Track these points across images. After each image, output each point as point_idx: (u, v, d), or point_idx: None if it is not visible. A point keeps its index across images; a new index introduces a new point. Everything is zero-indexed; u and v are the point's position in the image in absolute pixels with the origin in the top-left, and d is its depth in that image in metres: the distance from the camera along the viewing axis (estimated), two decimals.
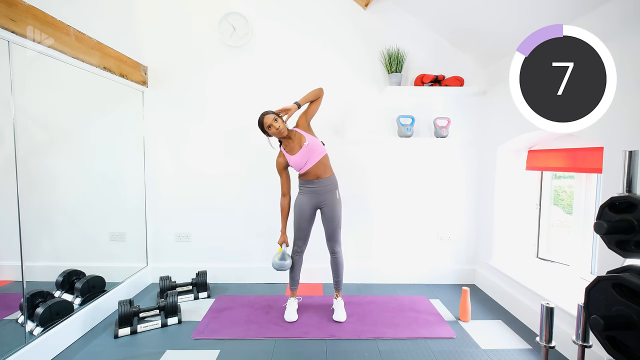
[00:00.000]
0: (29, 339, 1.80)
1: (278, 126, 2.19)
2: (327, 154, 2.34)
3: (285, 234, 2.39)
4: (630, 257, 0.95)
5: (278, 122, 2.20)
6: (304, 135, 2.27)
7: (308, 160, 2.24)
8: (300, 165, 2.25)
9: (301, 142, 2.26)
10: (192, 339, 2.13)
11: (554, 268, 2.59)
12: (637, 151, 0.99)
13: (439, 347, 2.05)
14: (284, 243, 2.37)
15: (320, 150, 2.27)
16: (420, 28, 2.91)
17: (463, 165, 3.02)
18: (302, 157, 2.23)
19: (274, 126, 2.19)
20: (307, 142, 2.24)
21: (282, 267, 2.32)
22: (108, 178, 2.76)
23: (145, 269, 2.95)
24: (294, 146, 2.27)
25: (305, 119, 2.33)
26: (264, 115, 2.22)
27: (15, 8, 1.64)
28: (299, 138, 2.28)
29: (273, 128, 2.20)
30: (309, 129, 2.34)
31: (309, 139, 2.25)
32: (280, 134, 2.22)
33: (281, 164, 2.33)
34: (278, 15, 2.88)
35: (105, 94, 2.56)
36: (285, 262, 2.32)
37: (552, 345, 1.18)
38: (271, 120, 2.19)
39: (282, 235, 2.39)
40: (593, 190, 2.32)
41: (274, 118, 2.20)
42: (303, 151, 2.23)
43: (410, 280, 3.06)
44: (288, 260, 2.34)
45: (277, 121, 2.20)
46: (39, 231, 2.28)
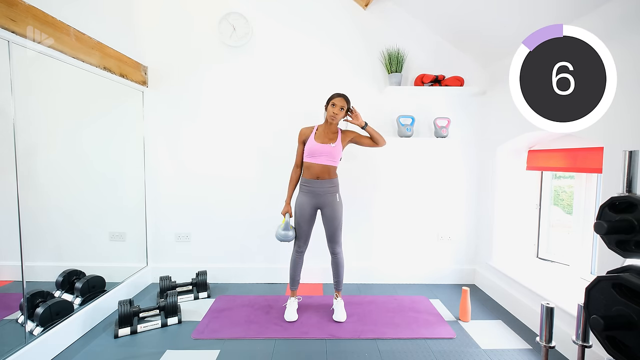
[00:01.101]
0: (29, 339, 1.80)
1: (337, 112, 2.24)
2: (336, 167, 2.37)
3: (289, 205, 2.40)
4: (630, 257, 0.95)
5: (342, 113, 2.26)
6: (338, 140, 2.32)
7: (319, 156, 2.28)
8: (312, 153, 2.29)
9: (331, 141, 2.30)
10: (192, 339, 2.13)
11: (554, 268, 2.59)
12: (637, 151, 0.99)
13: (439, 347, 2.05)
14: (287, 213, 2.38)
15: (334, 159, 2.32)
16: (420, 28, 2.91)
17: (463, 165, 3.02)
18: (319, 149, 2.27)
19: (337, 107, 2.24)
20: (334, 144, 2.29)
21: (286, 237, 2.31)
22: (108, 178, 2.76)
23: (145, 269, 2.95)
24: (325, 137, 2.32)
25: (350, 138, 2.38)
26: (341, 96, 2.26)
27: (15, 8, 1.64)
28: (333, 138, 2.32)
29: (336, 109, 2.24)
30: (344, 143, 2.37)
31: (337, 146, 2.30)
32: (332, 118, 2.26)
33: (304, 135, 2.37)
34: (278, 15, 2.88)
35: (105, 94, 2.56)
36: (288, 233, 2.31)
37: (552, 345, 1.18)
38: (340, 105, 2.24)
39: (286, 205, 2.40)
40: (593, 190, 2.32)
41: (342, 107, 2.25)
42: (324, 147, 2.28)
43: (410, 280, 3.06)
44: (291, 230, 2.33)
45: (342, 110, 2.25)
46: (39, 231, 2.28)
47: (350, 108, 2.32)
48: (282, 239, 2.32)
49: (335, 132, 2.35)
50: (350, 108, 2.32)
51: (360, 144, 2.41)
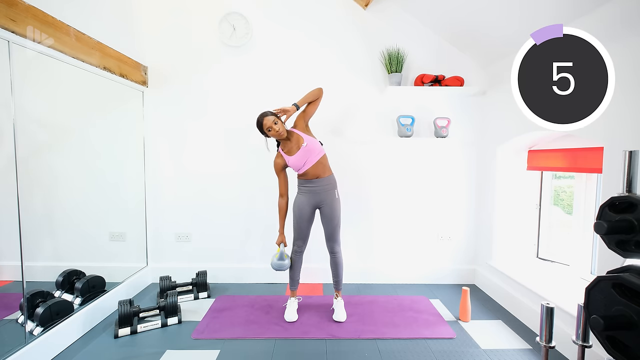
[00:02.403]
0: (29, 339, 1.80)
1: (278, 129, 2.18)
2: (325, 153, 2.33)
3: (283, 234, 2.39)
4: (630, 257, 0.95)
5: (278, 125, 2.18)
6: (302, 136, 2.26)
7: (307, 160, 2.23)
8: (299, 166, 2.25)
9: (299, 143, 2.24)
10: (192, 339, 2.13)
11: (554, 268, 2.59)
12: (637, 151, 0.99)
13: (439, 347, 2.05)
14: (282, 243, 2.37)
15: (318, 150, 2.25)
16: (420, 28, 2.91)
17: (463, 165, 3.02)
18: (300, 157, 2.22)
19: (273, 129, 2.18)
20: (305, 143, 2.23)
21: (281, 267, 2.32)
22: (108, 178, 2.75)
23: (145, 269, 2.95)
24: (292, 147, 2.26)
25: (303, 120, 2.32)
26: (264, 116, 2.20)
27: (15, 8, 1.64)
28: (297, 139, 2.27)
29: (273, 131, 2.18)
30: (307, 130, 2.33)
31: (307, 140, 2.24)
32: (280, 136, 2.21)
33: (279, 165, 2.32)
34: (278, 15, 2.88)
35: (105, 94, 2.56)
36: (284, 262, 2.32)
37: (552, 345, 1.18)
38: (271, 123, 2.17)
39: (280, 235, 2.39)
40: (593, 190, 2.32)
41: (274, 121, 2.18)
42: (301, 152, 2.22)
43: (410, 280, 3.06)
44: (287, 260, 2.34)
45: (277, 124, 2.18)
46: (39, 231, 2.28)
47: (275, 113, 2.22)
48: (278, 269, 2.33)
49: (293, 136, 2.28)
50: (275, 113, 2.22)
51: (311, 114, 2.33)
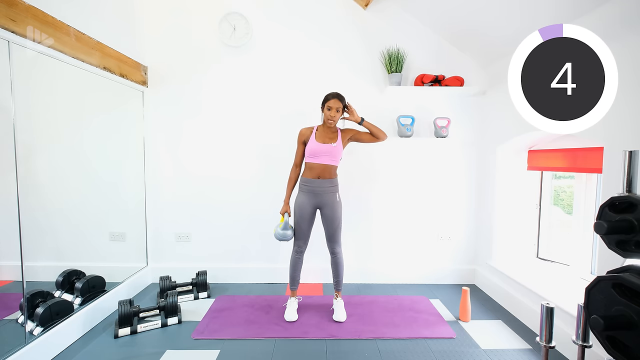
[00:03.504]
0: (29, 339, 1.80)
1: (334, 115, 2.25)
2: (337, 166, 2.37)
3: (288, 205, 2.40)
4: (630, 257, 0.95)
5: (338, 114, 2.27)
6: (338, 139, 2.32)
7: (321, 156, 2.28)
8: (313, 154, 2.29)
9: (331, 141, 2.30)
10: (192, 339, 2.13)
11: (554, 268, 2.59)
12: (637, 151, 0.99)
13: (439, 347, 2.05)
14: (286, 212, 2.38)
15: (336, 159, 2.32)
16: (420, 28, 2.91)
17: (463, 165, 3.02)
18: (320, 149, 2.28)
19: (333, 110, 2.24)
20: (335, 144, 2.29)
21: (285, 237, 2.32)
22: (108, 178, 2.75)
23: (145, 269, 2.94)
24: (325, 137, 2.32)
25: (350, 136, 2.39)
26: (336, 96, 2.26)
27: (15, 8, 1.64)
28: (334, 138, 2.33)
29: (332, 111, 2.25)
30: (345, 143, 2.37)
31: (338, 145, 2.31)
32: (330, 120, 2.26)
33: (304, 135, 2.37)
34: (278, 15, 2.88)
35: (105, 94, 2.56)
36: (287, 232, 2.32)
37: (552, 345, 1.18)
38: (336, 107, 2.24)
39: (284, 204, 2.40)
40: (593, 190, 2.32)
41: (339, 109, 2.25)
42: (325, 147, 2.28)
43: (410, 280, 3.06)
44: (290, 230, 2.34)
45: (338, 112, 2.26)
46: (39, 231, 2.28)
47: (346, 105, 2.32)
48: (281, 238, 2.32)
49: (335, 131, 2.35)
50: (346, 105, 2.32)
51: (360, 140, 2.41)
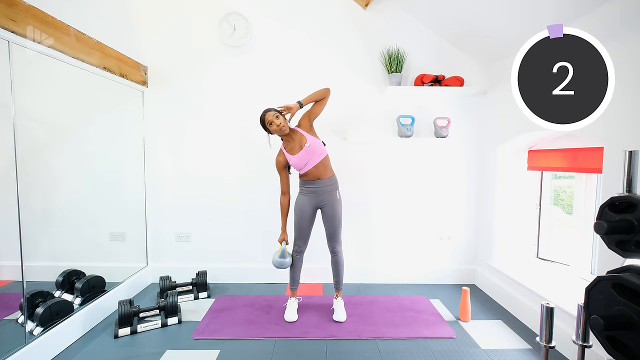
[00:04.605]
0: (29, 339, 1.80)
1: (279, 123, 2.18)
2: (327, 154, 2.32)
3: (285, 232, 2.39)
4: (630, 257, 0.95)
5: (279, 119, 2.19)
6: (305, 136, 2.25)
7: (309, 161, 2.23)
8: (301, 166, 2.24)
9: (302, 143, 2.24)
10: (192, 339, 2.13)
11: (554, 268, 2.59)
12: (637, 151, 0.99)
13: (439, 347, 2.05)
14: (284, 241, 2.38)
15: (321, 151, 2.25)
16: (420, 28, 2.91)
17: (463, 165, 3.02)
18: (302, 158, 2.22)
19: (275, 123, 2.18)
20: (308, 143, 2.22)
21: (282, 265, 2.33)
22: (108, 178, 2.76)
23: (145, 269, 2.95)
24: (295, 146, 2.26)
25: (308, 120, 2.31)
26: (266, 112, 2.22)
27: (15, 8, 1.64)
28: (300, 138, 2.26)
29: (274, 125, 2.18)
30: (311, 130, 2.32)
31: (310, 140, 2.23)
32: (282, 131, 2.21)
33: (280, 163, 2.32)
34: (278, 15, 2.88)
35: (105, 94, 2.56)
36: (285, 260, 2.33)
37: (552, 345, 1.18)
38: (272, 117, 2.18)
39: (282, 233, 2.39)
40: (593, 190, 2.32)
41: (276, 115, 2.19)
42: (303, 152, 2.21)
43: (410, 280, 3.06)
44: (288, 258, 2.34)
45: (278, 118, 2.19)
46: (39, 231, 2.28)
47: (279, 110, 2.24)
48: (279, 267, 2.34)
49: (296, 134, 2.28)
50: (279, 110, 2.24)
51: (317, 114, 2.31)
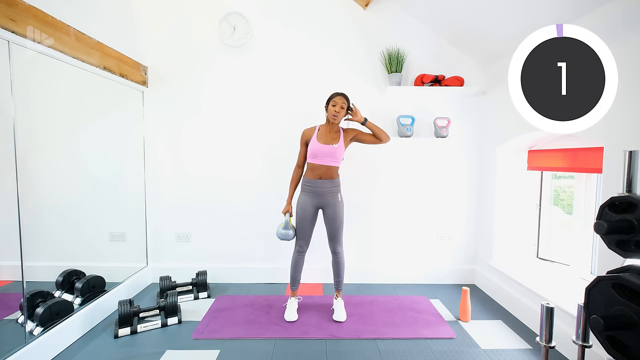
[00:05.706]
0: (29, 339, 1.80)
1: (339, 111, 2.24)
2: (338, 167, 2.37)
3: (290, 204, 2.41)
4: (630, 257, 0.95)
5: (343, 112, 2.26)
6: (340, 140, 2.31)
7: (323, 157, 2.27)
8: (314, 154, 2.29)
9: (333, 141, 2.29)
10: (192, 339, 2.13)
11: (554, 268, 2.59)
12: (637, 151, 0.99)
13: (439, 347, 2.05)
14: (288, 212, 2.38)
15: (337, 160, 2.31)
16: (420, 28, 2.91)
17: (463, 165, 3.02)
18: (321, 150, 2.27)
19: (338, 105, 2.24)
20: (337, 145, 2.28)
21: (286, 236, 2.33)
22: (108, 178, 2.75)
23: (145, 269, 2.94)
24: (327, 137, 2.31)
25: (353, 136, 2.38)
26: (341, 95, 2.27)
27: (15, 8, 1.64)
28: (335, 137, 2.32)
29: (337, 107, 2.24)
30: (347, 143, 2.37)
31: (339, 146, 2.29)
32: (333, 117, 2.25)
33: (306, 136, 2.37)
34: (278, 15, 2.88)
35: (105, 94, 2.56)
36: (289, 232, 2.33)
37: (552, 345, 1.18)
38: (340, 102, 2.25)
39: (287, 204, 2.41)
40: (593, 190, 2.32)
41: (344, 106, 2.26)
42: (327, 148, 2.27)
43: (410, 280, 3.06)
44: (292, 230, 2.35)
45: (342, 108, 2.25)
46: (39, 231, 2.28)
47: (350, 106, 2.32)
48: (283, 238, 2.33)
49: (337, 131, 2.34)
50: (350, 106, 2.32)
51: (362, 141, 2.40)
